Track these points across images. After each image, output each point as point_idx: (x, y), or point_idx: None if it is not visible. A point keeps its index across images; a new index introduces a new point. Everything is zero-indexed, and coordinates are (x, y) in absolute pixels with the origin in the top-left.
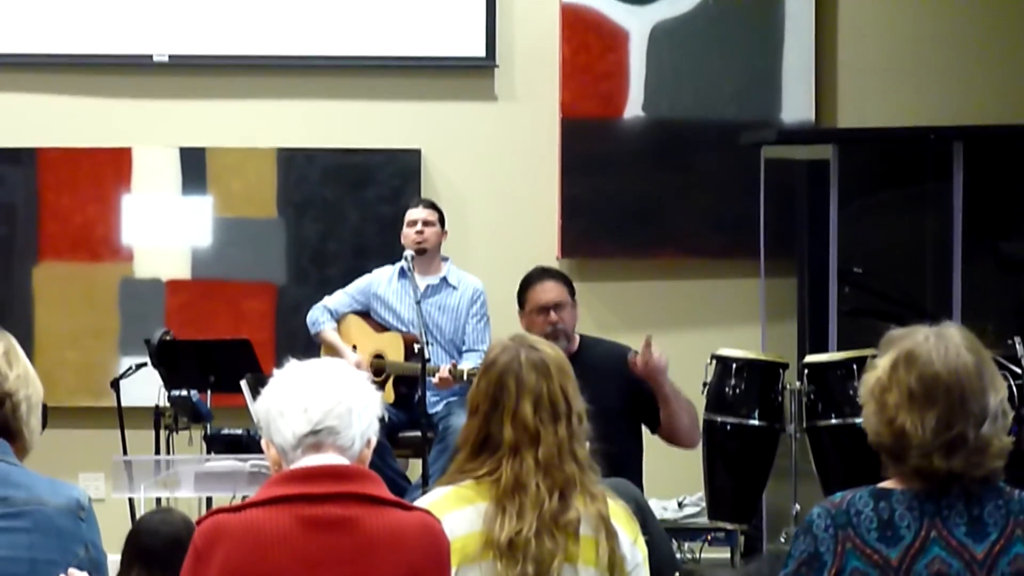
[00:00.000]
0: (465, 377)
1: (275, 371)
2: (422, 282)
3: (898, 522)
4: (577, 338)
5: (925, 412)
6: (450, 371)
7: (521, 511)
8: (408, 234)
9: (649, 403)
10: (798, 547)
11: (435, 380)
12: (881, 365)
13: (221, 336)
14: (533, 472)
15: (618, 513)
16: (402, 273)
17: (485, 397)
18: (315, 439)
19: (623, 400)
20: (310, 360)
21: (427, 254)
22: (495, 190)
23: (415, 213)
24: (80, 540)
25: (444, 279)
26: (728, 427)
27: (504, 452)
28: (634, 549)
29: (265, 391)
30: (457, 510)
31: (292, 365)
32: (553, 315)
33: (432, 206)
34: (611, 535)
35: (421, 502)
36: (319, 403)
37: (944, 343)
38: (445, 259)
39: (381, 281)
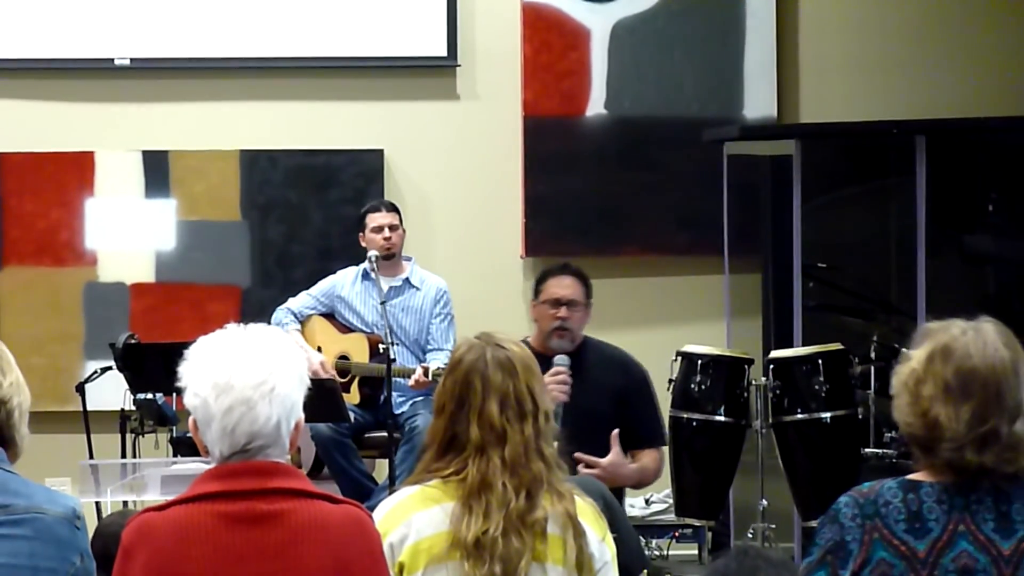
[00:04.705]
0: (433, 377)
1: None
2: (385, 284)
3: (926, 515)
4: (580, 337)
5: (960, 405)
6: (424, 371)
7: (488, 510)
8: (374, 239)
9: (634, 425)
10: (824, 535)
11: (411, 382)
12: (916, 357)
13: (186, 339)
14: (500, 471)
15: (586, 511)
16: (365, 275)
17: (451, 396)
18: (244, 456)
19: (613, 407)
20: (225, 338)
21: (392, 257)
22: (458, 190)
23: (381, 218)
24: (76, 549)
25: (407, 280)
26: (694, 423)
27: (470, 451)
28: (602, 547)
29: (187, 375)
30: (424, 510)
31: (208, 345)
32: (564, 311)
33: (394, 208)
34: (579, 533)
35: (387, 502)
36: (246, 424)
37: (982, 338)
38: (408, 259)
39: (345, 283)
